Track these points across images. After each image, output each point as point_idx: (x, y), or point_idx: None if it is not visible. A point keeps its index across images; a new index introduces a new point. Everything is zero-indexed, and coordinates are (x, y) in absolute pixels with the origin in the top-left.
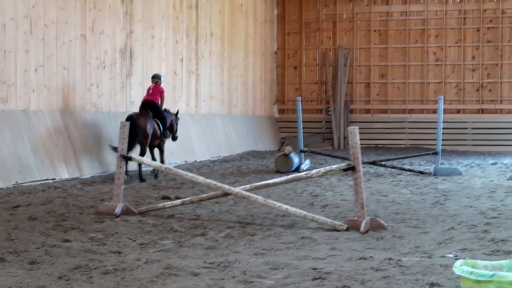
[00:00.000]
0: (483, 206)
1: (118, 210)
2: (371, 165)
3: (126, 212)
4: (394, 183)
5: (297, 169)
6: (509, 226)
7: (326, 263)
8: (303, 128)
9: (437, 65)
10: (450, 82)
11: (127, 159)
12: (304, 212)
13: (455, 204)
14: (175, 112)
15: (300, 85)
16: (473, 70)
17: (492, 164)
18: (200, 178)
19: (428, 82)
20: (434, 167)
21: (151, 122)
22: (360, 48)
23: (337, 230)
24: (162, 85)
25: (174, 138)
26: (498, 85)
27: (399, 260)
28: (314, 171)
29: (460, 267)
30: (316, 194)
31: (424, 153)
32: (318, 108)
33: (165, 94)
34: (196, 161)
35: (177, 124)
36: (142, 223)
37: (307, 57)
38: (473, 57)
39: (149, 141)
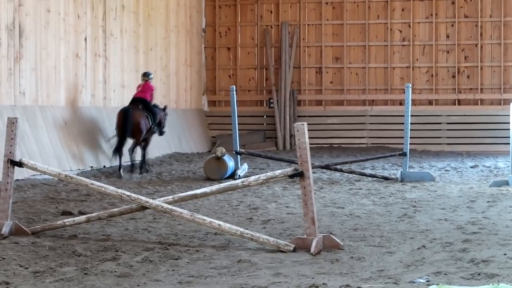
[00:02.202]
0: (461, 219)
1: (5, 230)
2: (324, 170)
3: (16, 232)
4: (352, 191)
5: (232, 176)
6: (492, 244)
7: None
8: (239, 124)
9: (403, 45)
10: (419, 67)
11: (16, 164)
12: (241, 229)
13: (426, 217)
14: (163, 107)
15: (235, 71)
16: (448, 52)
17: (472, 167)
18: (110, 188)
19: (392, 67)
20: (401, 172)
21: (144, 116)
22: (309, 25)
23: (282, 251)
24: (152, 82)
25: (161, 133)
26: (478, 71)
27: (358, 287)
28: (253, 178)
29: None
30: (256, 206)
31: (389, 154)
32: (257, 99)
33: (155, 92)
34: (104, 166)
35: (165, 120)
36: (36, 245)
37: (243, 36)
38: (447, 36)
39: (143, 135)
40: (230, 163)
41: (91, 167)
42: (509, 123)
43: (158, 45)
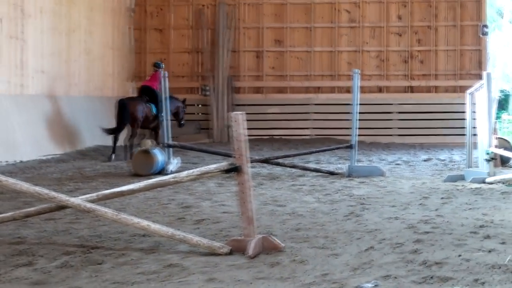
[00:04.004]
0: (413, 218)
1: None
2: (264, 164)
3: None
4: (294, 188)
5: (162, 171)
6: (445, 244)
7: None
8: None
9: (351, 27)
10: (368, 51)
11: None
12: (172, 230)
13: (375, 215)
14: (182, 99)
15: (167, 55)
16: (399, 35)
17: (425, 160)
18: (25, 186)
19: (339, 51)
20: (349, 166)
21: (142, 106)
22: (247, 4)
23: (217, 254)
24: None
25: (180, 125)
26: (432, 55)
27: None
28: (184, 173)
29: None
30: (188, 204)
31: (335, 146)
32: (191, 86)
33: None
34: (20, 161)
35: (183, 112)
36: None
37: (175, 16)
38: (399, 17)
39: (139, 123)
40: (160, 157)
41: (7, 161)
42: (465, 112)
43: (81, 26)
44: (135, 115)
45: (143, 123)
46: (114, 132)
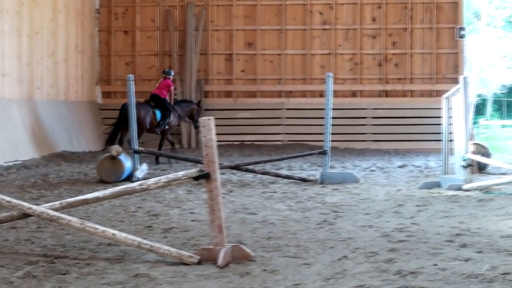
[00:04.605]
0: (387, 226)
1: None
2: (234, 171)
3: None
4: (266, 195)
5: (130, 178)
6: (421, 253)
7: None
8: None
9: (324, 29)
10: (342, 54)
11: None
12: (139, 239)
13: (349, 223)
14: (197, 101)
15: (133, 57)
16: (374, 37)
17: (400, 167)
18: None
19: (312, 54)
20: (321, 173)
21: (143, 111)
22: (217, 5)
23: (186, 264)
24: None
25: (196, 127)
26: (407, 58)
27: None
28: (152, 180)
29: None
30: (156, 213)
31: (308, 152)
32: None
33: (173, 88)
34: None
35: (198, 114)
36: None
37: (142, 17)
38: (374, 19)
39: (143, 128)
40: (127, 163)
41: None
42: (441, 117)
43: (44, 28)
44: (139, 119)
45: (147, 128)
46: (111, 139)
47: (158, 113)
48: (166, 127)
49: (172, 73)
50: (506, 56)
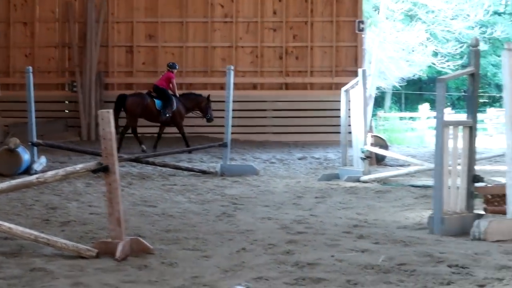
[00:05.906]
0: (286, 218)
1: None
2: (134, 163)
3: None
4: (166, 187)
5: (27, 171)
6: (318, 245)
7: None
8: (36, 111)
9: (225, 22)
10: (243, 47)
11: None
12: (36, 233)
13: (248, 215)
14: (207, 96)
15: (32, 49)
16: (274, 30)
17: (300, 159)
18: None
19: (213, 46)
20: (221, 165)
21: (140, 99)
22: None
23: (83, 257)
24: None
25: (208, 120)
26: (308, 51)
27: None
28: (50, 173)
29: None
30: (54, 206)
31: (208, 145)
32: (58, 82)
33: (174, 81)
34: None
35: (209, 108)
36: None
37: (41, 9)
38: (274, 12)
39: (136, 117)
40: (25, 156)
41: None
42: (340, 109)
43: None
44: (129, 108)
45: (147, 117)
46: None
47: (157, 102)
48: (168, 114)
49: (177, 67)
50: (405, 50)
